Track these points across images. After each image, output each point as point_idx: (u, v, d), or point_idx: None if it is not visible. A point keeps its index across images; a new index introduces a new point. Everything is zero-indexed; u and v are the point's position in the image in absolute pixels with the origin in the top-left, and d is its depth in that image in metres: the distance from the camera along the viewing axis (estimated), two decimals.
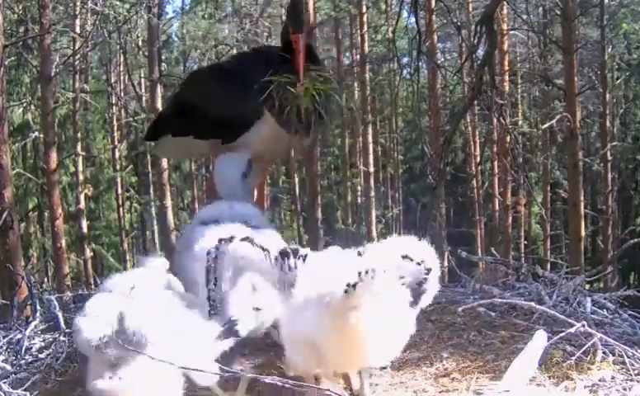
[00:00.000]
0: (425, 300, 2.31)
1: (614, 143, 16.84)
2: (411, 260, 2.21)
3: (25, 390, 2.52)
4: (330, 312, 2.03)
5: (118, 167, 18.54)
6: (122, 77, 18.40)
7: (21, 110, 12.44)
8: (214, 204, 2.99)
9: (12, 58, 11.24)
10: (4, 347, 3.00)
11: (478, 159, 15.72)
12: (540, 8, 13.99)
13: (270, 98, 3.14)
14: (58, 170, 10.29)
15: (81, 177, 15.13)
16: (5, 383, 2.57)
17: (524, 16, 11.65)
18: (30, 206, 14.45)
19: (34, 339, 3.06)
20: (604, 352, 2.45)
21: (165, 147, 3.95)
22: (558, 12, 11.09)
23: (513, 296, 3.31)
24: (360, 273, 1.96)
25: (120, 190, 18.29)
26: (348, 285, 1.97)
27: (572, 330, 2.52)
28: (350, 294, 1.98)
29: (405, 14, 10.86)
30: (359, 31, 15.65)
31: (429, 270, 2.23)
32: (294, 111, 3.15)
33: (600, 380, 2.30)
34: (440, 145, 8.56)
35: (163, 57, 15.95)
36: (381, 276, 1.99)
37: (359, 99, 17.44)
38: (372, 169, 15.84)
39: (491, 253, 4.54)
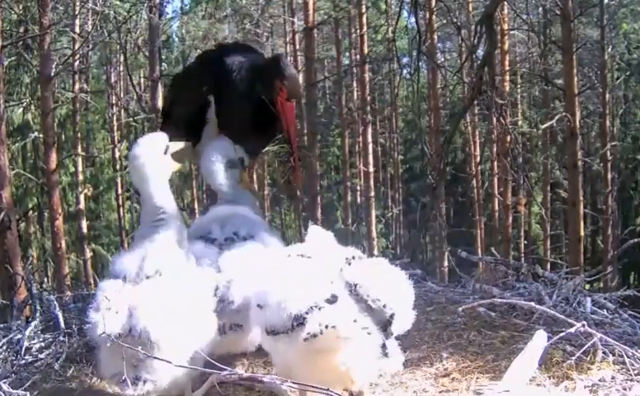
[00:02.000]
0: (399, 330, 2.18)
1: (614, 143, 16.85)
2: (372, 306, 2.05)
3: (25, 390, 2.51)
4: (297, 348, 1.99)
5: (118, 167, 18.54)
6: (122, 77, 18.40)
7: (21, 110, 12.42)
8: (209, 214, 2.94)
9: (12, 59, 11.23)
10: (4, 347, 3.00)
11: (478, 159, 15.73)
12: (540, 8, 13.98)
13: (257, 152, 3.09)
14: (58, 170, 10.28)
15: (81, 177, 15.13)
16: (5, 383, 2.56)
17: (524, 16, 11.65)
18: (30, 206, 14.44)
19: (34, 339, 3.06)
20: (604, 352, 2.45)
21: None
22: (558, 12, 11.07)
23: (513, 296, 3.31)
24: (326, 326, 1.92)
25: (120, 190, 18.30)
26: (309, 334, 1.93)
27: (572, 330, 2.52)
28: (311, 342, 1.94)
29: (405, 14, 10.86)
30: (358, 31, 15.65)
31: (392, 315, 2.07)
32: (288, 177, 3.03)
33: (600, 380, 2.30)
34: (440, 145, 8.55)
35: (163, 57, 15.95)
36: (346, 327, 1.94)
37: (359, 99, 17.44)
38: (372, 169, 15.83)
39: (491, 253, 4.54)
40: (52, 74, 9.49)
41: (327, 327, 1.93)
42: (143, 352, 2.03)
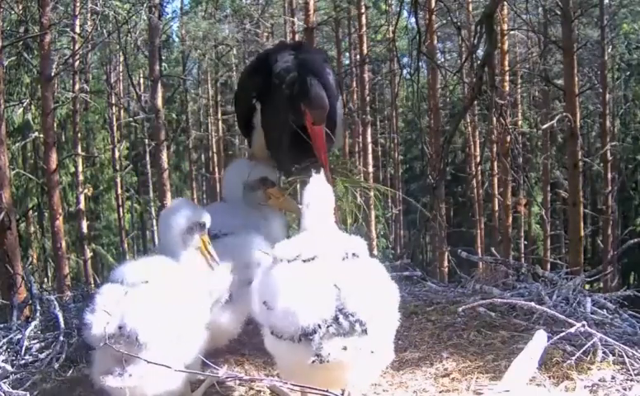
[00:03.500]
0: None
1: (614, 143, 16.86)
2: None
3: (25, 390, 2.51)
4: (301, 361, 1.99)
5: (118, 167, 18.55)
6: (122, 77, 18.41)
7: (21, 110, 12.42)
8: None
9: (12, 59, 11.23)
10: (4, 347, 2.99)
11: (478, 159, 15.72)
12: (540, 8, 13.98)
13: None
14: (58, 170, 10.29)
15: (81, 177, 15.14)
16: (5, 383, 2.57)
17: (524, 16, 11.62)
18: (30, 206, 14.44)
19: (34, 339, 3.06)
20: (604, 352, 2.45)
21: None
22: (558, 12, 11.08)
23: (513, 296, 3.31)
24: (329, 354, 1.93)
25: (119, 191, 18.32)
26: (316, 356, 1.93)
27: (572, 330, 2.52)
28: (317, 365, 1.95)
29: (405, 14, 10.84)
30: (358, 31, 15.66)
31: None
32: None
33: (600, 380, 2.30)
34: (440, 145, 8.56)
35: (163, 57, 15.96)
36: (349, 353, 1.95)
37: (359, 99, 17.45)
38: (372, 169, 15.83)
39: (492, 253, 4.53)
40: (52, 74, 9.49)
41: (329, 354, 1.94)
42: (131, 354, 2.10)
